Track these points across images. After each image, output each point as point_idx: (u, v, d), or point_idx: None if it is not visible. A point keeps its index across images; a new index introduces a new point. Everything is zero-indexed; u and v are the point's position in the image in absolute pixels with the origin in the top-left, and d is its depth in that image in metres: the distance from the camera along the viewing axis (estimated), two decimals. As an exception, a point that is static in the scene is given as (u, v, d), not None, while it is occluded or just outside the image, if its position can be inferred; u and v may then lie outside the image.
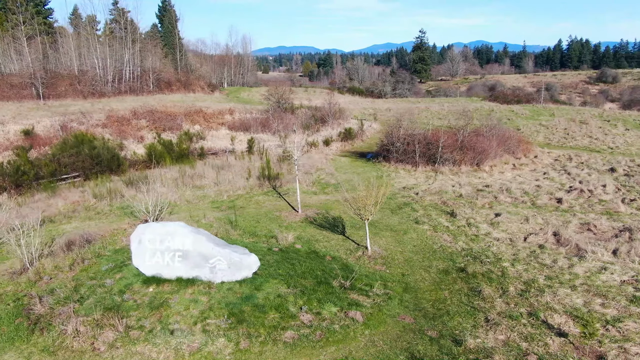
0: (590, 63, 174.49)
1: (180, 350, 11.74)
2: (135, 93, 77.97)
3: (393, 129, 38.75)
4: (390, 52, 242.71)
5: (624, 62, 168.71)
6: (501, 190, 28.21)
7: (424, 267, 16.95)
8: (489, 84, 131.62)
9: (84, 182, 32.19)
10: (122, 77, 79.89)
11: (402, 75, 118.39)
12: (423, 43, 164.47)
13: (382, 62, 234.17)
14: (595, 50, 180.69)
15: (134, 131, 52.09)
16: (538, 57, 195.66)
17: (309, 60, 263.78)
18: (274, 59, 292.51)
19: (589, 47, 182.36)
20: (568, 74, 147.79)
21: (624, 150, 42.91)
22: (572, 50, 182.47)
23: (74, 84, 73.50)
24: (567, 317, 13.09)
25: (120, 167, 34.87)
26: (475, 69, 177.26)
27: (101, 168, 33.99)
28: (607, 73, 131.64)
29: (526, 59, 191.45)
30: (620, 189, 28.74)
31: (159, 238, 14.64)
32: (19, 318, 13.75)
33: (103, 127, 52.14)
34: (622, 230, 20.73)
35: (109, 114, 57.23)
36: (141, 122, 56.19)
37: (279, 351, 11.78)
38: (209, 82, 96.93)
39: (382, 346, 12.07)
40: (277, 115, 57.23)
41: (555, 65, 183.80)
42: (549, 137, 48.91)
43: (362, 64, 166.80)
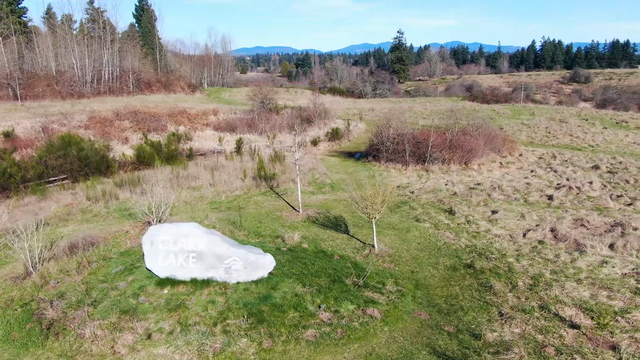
0: (563, 63, 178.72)
1: (203, 351, 11.69)
2: (115, 94, 76.74)
3: (383, 128, 39.09)
4: (368, 52, 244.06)
5: (594, 62, 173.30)
6: (493, 188, 28.78)
7: (431, 264, 17.23)
8: (466, 84, 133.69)
9: (72, 184, 31.62)
10: (101, 78, 78.50)
11: (383, 75, 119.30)
12: (401, 43, 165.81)
13: (360, 62, 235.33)
14: (568, 51, 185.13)
15: (117, 132, 51.34)
16: (513, 58, 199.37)
17: (287, 60, 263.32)
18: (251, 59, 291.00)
19: (561, 47, 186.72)
20: (542, 74, 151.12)
21: (604, 148, 44.19)
22: (546, 51, 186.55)
23: (52, 84, 71.88)
24: (577, 310, 13.50)
25: (109, 168, 34.37)
26: (452, 69, 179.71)
27: (90, 170, 33.45)
28: (580, 73, 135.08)
29: (501, 60, 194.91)
30: (606, 186, 29.61)
31: (172, 239, 14.53)
32: (30, 323, 13.49)
33: (85, 129, 51.24)
34: (613, 225, 21.39)
35: (91, 115, 56.24)
36: (124, 123, 55.41)
37: (303, 350, 11.85)
38: (189, 83, 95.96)
39: (403, 342, 12.25)
40: (262, 116, 57.10)
41: (529, 65, 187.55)
42: (532, 135, 50.03)
43: (341, 65, 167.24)
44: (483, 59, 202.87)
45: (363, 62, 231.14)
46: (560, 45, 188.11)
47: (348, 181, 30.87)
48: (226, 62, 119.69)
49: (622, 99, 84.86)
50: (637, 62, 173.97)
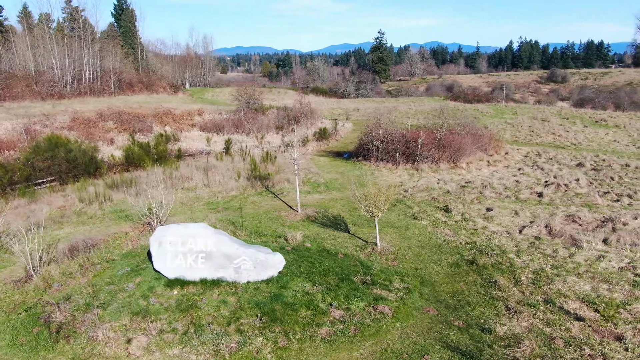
0: (540, 63, 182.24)
1: (219, 351, 11.70)
2: (96, 94, 75.52)
3: (372, 128, 39.37)
4: (349, 52, 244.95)
5: (570, 62, 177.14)
6: (484, 186, 29.28)
7: (434, 261, 17.50)
8: (447, 83, 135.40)
9: (61, 186, 31.08)
10: (82, 78, 77.16)
11: (365, 75, 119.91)
12: (382, 43, 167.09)
13: (341, 62, 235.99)
14: (544, 51, 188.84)
15: (102, 133, 50.63)
16: (491, 58, 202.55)
17: (268, 60, 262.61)
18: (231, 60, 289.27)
19: (538, 48, 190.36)
20: (520, 74, 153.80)
21: (586, 146, 45.28)
22: (523, 51, 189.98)
23: (31, 85, 70.33)
24: (580, 303, 13.91)
25: (98, 170, 33.88)
26: (433, 69, 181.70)
27: (78, 172, 32.92)
28: (557, 73, 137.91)
29: (480, 60, 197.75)
30: (592, 183, 30.40)
31: (180, 240, 14.48)
32: (37, 327, 13.30)
33: (69, 130, 50.38)
34: (604, 221, 21.99)
35: (74, 116, 55.31)
36: (108, 124, 54.65)
37: (318, 347, 11.96)
38: (171, 83, 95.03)
39: (416, 337, 12.46)
40: (249, 116, 56.93)
41: (507, 65, 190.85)
42: (516, 134, 50.97)
43: (322, 65, 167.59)
44: (462, 59, 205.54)
45: (344, 62, 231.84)
46: (537, 45, 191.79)
47: (341, 180, 31.09)
48: (208, 62, 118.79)
49: (599, 98, 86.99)
50: (611, 62, 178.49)
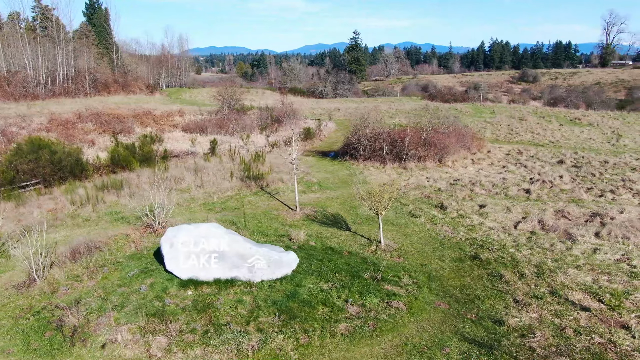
0: (511, 64, 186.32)
1: (242, 350, 11.74)
2: (71, 95, 73.80)
3: (359, 127, 39.71)
4: (323, 52, 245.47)
5: (540, 62, 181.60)
6: (473, 184, 29.93)
7: (437, 256, 17.87)
8: (422, 83, 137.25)
9: (46, 189, 30.40)
10: (56, 79, 75.31)
11: (342, 75, 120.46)
12: (357, 44, 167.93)
13: (316, 62, 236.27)
14: (515, 51, 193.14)
15: (81, 135, 49.57)
16: (463, 58, 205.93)
17: (242, 60, 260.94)
18: (205, 60, 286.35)
19: (509, 48, 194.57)
20: (493, 74, 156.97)
21: (564, 144, 46.67)
22: (494, 52, 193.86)
23: (3, 85, 68.29)
24: (584, 294, 14.45)
25: (84, 172, 33.24)
26: (407, 69, 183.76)
27: (64, 174, 32.24)
28: (528, 73, 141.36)
29: (453, 60, 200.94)
30: (575, 179, 31.40)
31: (192, 240, 14.44)
32: (48, 331, 13.10)
33: (47, 132, 49.12)
34: (591, 215, 22.80)
35: (51, 118, 53.95)
36: (87, 125, 53.51)
37: (339, 343, 12.13)
38: (147, 84, 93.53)
39: (433, 331, 12.76)
40: (231, 116, 56.61)
41: (479, 65, 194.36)
42: (496, 133, 52.11)
43: (298, 65, 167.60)
44: (435, 60, 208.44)
45: (319, 63, 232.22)
46: (508, 46, 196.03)
47: (332, 180, 31.30)
48: (184, 62, 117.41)
49: (571, 97, 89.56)
50: (578, 63, 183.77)
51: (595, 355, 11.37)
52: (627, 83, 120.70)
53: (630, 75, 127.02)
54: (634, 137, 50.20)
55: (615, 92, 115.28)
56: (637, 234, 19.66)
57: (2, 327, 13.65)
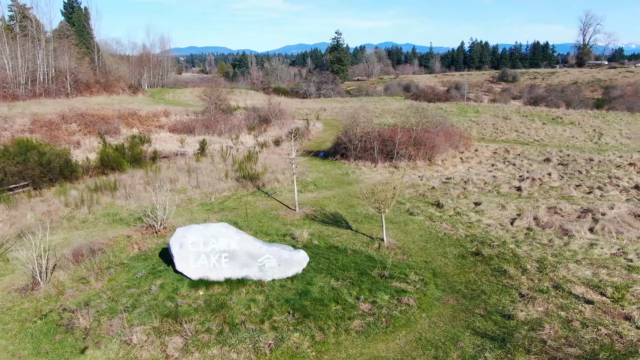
0: (490, 63, 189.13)
1: (259, 348, 11.80)
2: (52, 96, 72.45)
3: (350, 127, 39.95)
4: (305, 52, 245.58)
5: (518, 62, 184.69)
6: (464, 182, 30.41)
7: (440, 253, 18.16)
8: (404, 83, 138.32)
9: (35, 191, 29.89)
10: (36, 79, 73.87)
11: (326, 75, 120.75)
12: (339, 44, 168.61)
13: (298, 62, 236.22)
14: (494, 51, 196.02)
15: (66, 136, 48.83)
16: (444, 58, 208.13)
17: (223, 60, 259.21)
18: (185, 60, 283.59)
19: (488, 49, 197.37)
20: (474, 73, 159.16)
21: (549, 142, 47.67)
22: (474, 52, 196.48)
23: (-18, 86, 66.78)
24: (586, 287, 14.89)
25: (74, 173, 32.77)
26: (389, 69, 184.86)
27: (53, 175, 31.74)
28: (508, 73, 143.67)
29: (433, 60, 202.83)
30: (563, 177, 32.12)
31: (202, 240, 14.44)
32: (58, 334, 12.96)
33: (30, 133, 48.22)
34: (583, 211, 23.40)
35: (34, 119, 52.97)
36: (72, 126, 52.73)
37: (355, 340, 12.28)
38: (130, 84, 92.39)
39: (444, 326, 13.01)
40: (218, 117, 56.35)
41: (459, 65, 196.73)
42: (482, 132, 52.93)
43: (281, 65, 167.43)
44: (416, 60, 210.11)
45: (300, 63, 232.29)
46: (487, 46, 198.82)
47: (326, 179, 31.43)
48: (166, 62, 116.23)
49: (551, 96, 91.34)
50: (556, 63, 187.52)
51: (603, 346, 11.74)
52: (603, 83, 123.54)
53: (606, 75, 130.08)
54: (615, 135, 51.51)
55: (592, 92, 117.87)
56: (629, 229, 20.28)
57: (10, 331, 13.45)
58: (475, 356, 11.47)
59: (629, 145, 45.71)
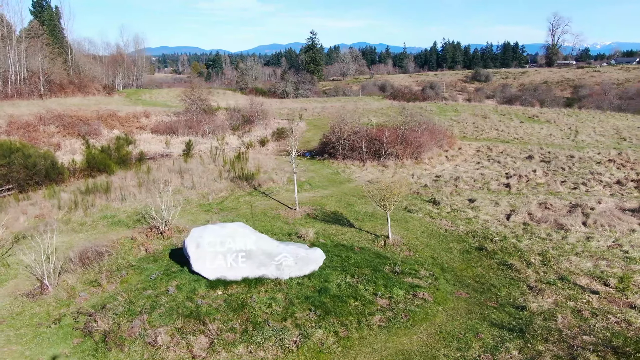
0: (463, 63, 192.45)
1: (285, 345, 11.92)
2: (25, 97, 70.50)
3: (337, 127, 40.25)
4: (279, 52, 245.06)
5: (490, 62, 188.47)
6: (454, 179, 31.04)
7: (444, 249, 18.58)
8: (379, 83, 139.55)
9: (21, 194, 29.18)
10: (7, 80, 71.76)
11: (303, 76, 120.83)
12: (314, 44, 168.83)
13: (272, 62, 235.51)
14: (466, 51, 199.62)
15: (45, 138, 47.72)
16: (417, 58, 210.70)
17: (196, 60, 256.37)
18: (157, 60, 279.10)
19: (460, 49, 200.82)
20: (447, 73, 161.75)
21: (528, 140, 48.92)
22: (446, 52, 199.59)
23: (-49, 87, 64.54)
24: (589, 279, 15.50)
25: (60, 176, 32.10)
26: (364, 69, 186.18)
27: (39, 178, 31.03)
28: (481, 73, 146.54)
29: (407, 60, 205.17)
30: (547, 173, 33.09)
31: (218, 240, 14.44)
32: (76, 338, 12.83)
33: (7, 135, 46.92)
34: (572, 206, 24.22)
35: (10, 120, 51.51)
36: (50, 128, 51.48)
37: (378, 334, 12.53)
38: (104, 85, 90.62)
39: (462, 319, 13.37)
40: (201, 117, 55.88)
41: (432, 65, 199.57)
42: (463, 130, 53.96)
43: (256, 65, 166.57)
44: (390, 60, 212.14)
45: (274, 63, 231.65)
46: (459, 46, 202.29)
47: (318, 179, 31.64)
48: (140, 62, 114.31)
49: (525, 95, 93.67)
50: (525, 62, 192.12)
51: (614, 333, 12.28)
52: (572, 82, 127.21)
53: (574, 75, 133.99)
54: (589, 133, 53.19)
55: (561, 91, 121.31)
56: (620, 222, 21.11)
57: (24, 336, 13.22)
58: (496, 347, 11.85)
59: (604, 143, 47.32)
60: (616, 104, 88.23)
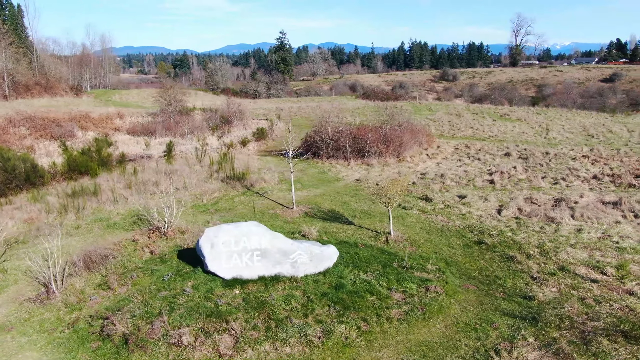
0: (430, 63, 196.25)
1: (310, 341, 12.10)
2: (-11, 98, 68.11)
3: (321, 126, 40.53)
4: (248, 52, 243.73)
5: (456, 62, 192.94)
6: (440, 177, 31.79)
7: (445, 244, 19.10)
8: (349, 83, 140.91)
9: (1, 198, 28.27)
10: (-30, 80, 69.13)
11: (275, 76, 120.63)
12: (284, 44, 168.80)
13: (240, 62, 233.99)
14: (433, 52, 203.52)
15: (17, 141, 46.31)
16: (385, 58, 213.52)
17: (163, 60, 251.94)
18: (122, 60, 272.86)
19: (427, 49, 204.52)
20: (416, 73, 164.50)
21: (502, 138, 50.40)
22: (414, 52, 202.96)
23: None
24: (587, 268, 16.28)
25: (42, 179, 31.21)
26: (333, 69, 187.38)
27: (19, 182, 30.11)
28: (448, 72, 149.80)
29: (375, 60, 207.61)
30: (527, 170, 34.26)
31: (233, 239, 14.48)
32: (94, 342, 12.65)
33: (-25, 138, 45.27)
34: (556, 200, 25.22)
35: (-23, 122, 49.66)
36: (21, 130, 49.91)
37: (398, 327, 12.85)
38: (72, 85, 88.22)
39: (475, 310, 13.85)
40: (178, 118, 55.18)
41: (400, 65, 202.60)
42: (440, 129, 55.10)
43: (225, 65, 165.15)
44: (359, 60, 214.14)
45: (243, 63, 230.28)
46: (426, 46, 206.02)
47: (306, 178, 31.82)
48: (107, 62, 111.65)
49: (494, 94, 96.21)
50: (490, 62, 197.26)
51: (620, 318, 12.97)
52: (536, 81, 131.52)
53: (538, 74, 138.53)
54: (559, 130, 55.20)
55: (526, 90, 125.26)
56: (604, 214, 22.15)
57: (37, 342, 12.95)
58: (512, 335, 12.34)
59: (574, 140, 49.22)
60: (579, 102, 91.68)
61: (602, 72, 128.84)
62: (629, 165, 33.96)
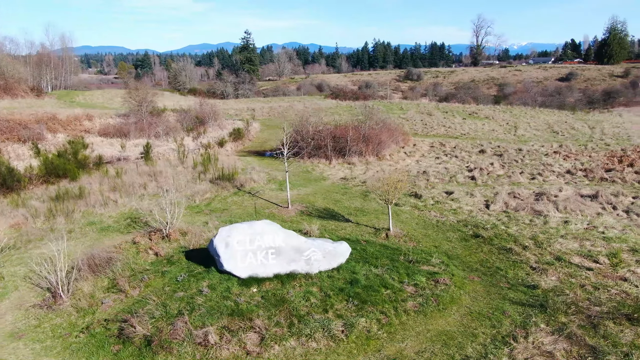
0: (393, 63, 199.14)
1: (334, 335, 12.36)
2: (-55, 100, 64.95)
3: (302, 126, 40.76)
4: (211, 52, 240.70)
5: (419, 62, 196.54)
6: (423, 174, 32.59)
7: (443, 238, 19.70)
8: (316, 83, 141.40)
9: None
10: None
11: (243, 76, 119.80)
12: (249, 44, 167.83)
13: (203, 62, 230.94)
14: (396, 51, 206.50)
15: (-18, 144, 44.26)
16: (350, 58, 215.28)
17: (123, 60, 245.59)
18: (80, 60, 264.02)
19: (390, 49, 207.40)
20: (381, 72, 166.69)
21: (474, 135, 51.96)
22: (378, 52, 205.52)
23: None
24: (581, 257, 17.17)
25: (19, 183, 30.18)
26: (299, 69, 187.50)
27: (-5, 186, 29.05)
28: (413, 72, 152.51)
29: (340, 60, 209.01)
30: (504, 166, 35.54)
31: (248, 238, 14.56)
32: (114, 345, 12.53)
33: (-63, 141, 43.22)
34: (537, 194, 26.32)
35: (-63, 126, 47.35)
36: (-16, 133, 47.77)
37: (416, 319, 13.28)
38: (32, 86, 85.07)
39: (484, 299, 14.44)
40: (150, 119, 54.21)
41: (365, 65, 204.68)
42: (413, 128, 56.23)
43: (189, 65, 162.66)
44: (323, 59, 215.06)
45: (206, 63, 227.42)
46: (390, 46, 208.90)
47: (292, 178, 31.91)
48: (69, 63, 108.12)
49: (460, 93, 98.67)
50: (452, 62, 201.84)
51: (619, 302, 13.81)
52: (497, 80, 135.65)
53: (498, 74, 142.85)
54: (526, 127, 57.35)
55: (488, 89, 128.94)
56: (586, 207, 23.31)
57: (53, 348, 12.72)
58: (525, 322, 12.97)
59: (541, 136, 51.26)
60: (540, 100, 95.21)
61: (559, 72, 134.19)
62: (598, 160, 35.71)
